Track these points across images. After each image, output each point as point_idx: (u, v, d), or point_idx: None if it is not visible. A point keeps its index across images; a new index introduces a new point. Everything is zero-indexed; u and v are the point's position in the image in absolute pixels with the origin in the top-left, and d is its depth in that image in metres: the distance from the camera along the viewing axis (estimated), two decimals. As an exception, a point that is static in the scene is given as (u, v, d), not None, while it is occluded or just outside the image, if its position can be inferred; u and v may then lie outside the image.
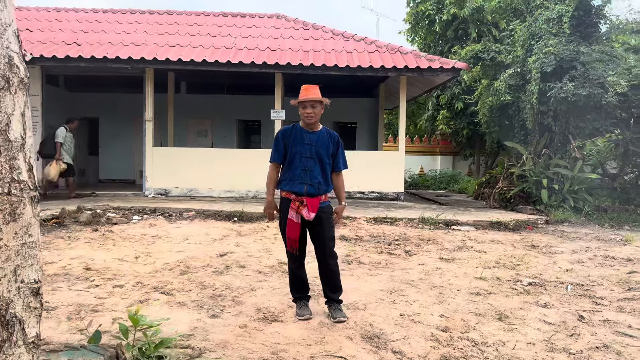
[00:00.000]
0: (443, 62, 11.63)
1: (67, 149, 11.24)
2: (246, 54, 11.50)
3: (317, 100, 4.21)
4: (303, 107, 4.22)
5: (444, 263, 6.43)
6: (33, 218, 1.84)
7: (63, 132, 11.18)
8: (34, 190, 1.84)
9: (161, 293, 4.98)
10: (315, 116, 4.22)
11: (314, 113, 4.20)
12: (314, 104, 4.20)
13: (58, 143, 11.04)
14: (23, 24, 12.90)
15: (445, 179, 19.00)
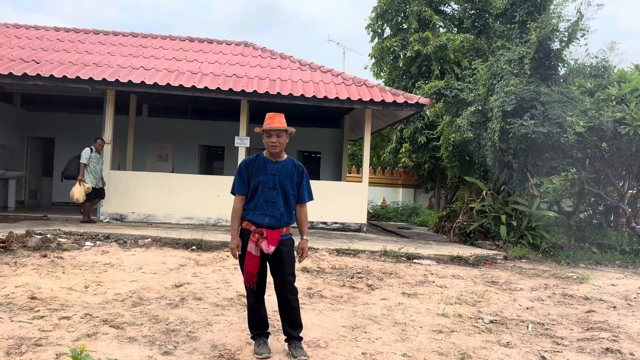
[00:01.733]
0: (407, 97, 11.80)
1: (91, 169, 10.87)
2: (212, 80, 11.38)
3: (283, 129, 4.11)
4: (268, 136, 4.11)
5: (406, 298, 6.34)
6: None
7: (87, 153, 10.86)
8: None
9: (111, 326, 4.69)
10: (280, 145, 4.11)
11: (278, 142, 4.10)
12: (279, 132, 4.10)
13: (82, 164, 10.73)
14: (-21, 39, 12.45)
15: (407, 211, 19.12)
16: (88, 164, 10.82)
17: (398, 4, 20.48)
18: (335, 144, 16.75)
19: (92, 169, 10.89)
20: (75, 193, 10.57)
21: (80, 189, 10.60)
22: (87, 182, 10.76)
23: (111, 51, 12.87)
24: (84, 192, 10.63)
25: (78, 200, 10.64)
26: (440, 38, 19.03)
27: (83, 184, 10.65)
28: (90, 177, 10.82)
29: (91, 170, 10.87)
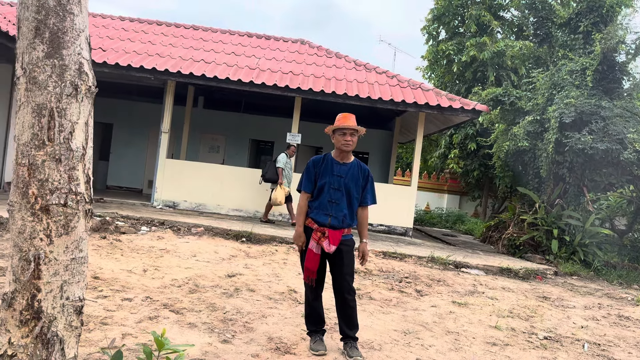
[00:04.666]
0: (464, 102, 11.64)
1: (285, 174, 11.10)
2: (269, 76, 11.54)
3: (356, 129, 4.16)
4: (342, 134, 4.16)
5: (457, 307, 6.29)
6: (85, 232, 1.75)
7: (284, 159, 11.08)
8: (89, 204, 1.76)
9: (171, 311, 4.85)
10: (352, 144, 4.16)
11: (352, 141, 4.15)
12: (353, 132, 4.15)
13: (279, 168, 10.95)
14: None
15: (452, 218, 18.86)
16: (284, 168, 11.00)
17: (456, 7, 20.21)
18: (384, 145, 16.69)
19: (286, 174, 11.09)
20: (278, 196, 10.80)
21: (281, 192, 10.82)
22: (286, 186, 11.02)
23: (173, 42, 13.22)
24: (284, 195, 10.88)
25: (281, 203, 10.90)
26: (498, 44, 18.68)
27: (283, 187, 10.88)
28: (285, 182, 11.04)
29: (285, 174, 11.06)
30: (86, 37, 1.78)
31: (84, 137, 1.74)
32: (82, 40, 1.75)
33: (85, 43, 1.76)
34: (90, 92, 1.77)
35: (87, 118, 1.75)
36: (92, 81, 1.80)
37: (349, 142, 4.13)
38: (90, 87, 1.77)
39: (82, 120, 1.72)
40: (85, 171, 1.73)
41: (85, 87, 1.75)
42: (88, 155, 1.76)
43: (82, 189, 1.72)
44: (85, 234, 1.77)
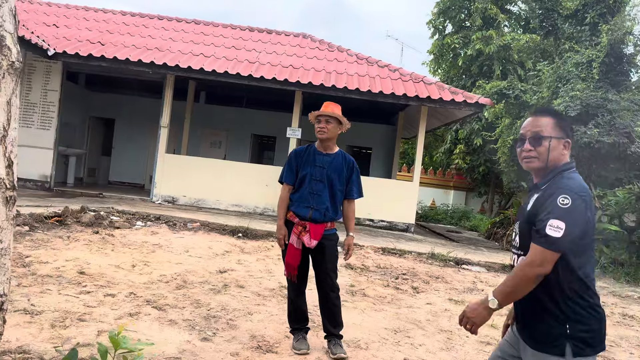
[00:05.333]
0: (467, 96, 11.41)
1: None
2: (268, 70, 11.38)
3: (333, 117, 3.97)
4: (317, 122, 3.99)
5: (453, 304, 6.10)
6: (6, 221, 1.60)
7: None
8: (11, 190, 1.61)
9: (153, 307, 4.72)
10: (327, 132, 3.97)
11: (326, 128, 3.96)
12: (328, 119, 3.97)
13: None
14: (51, 19, 12.93)
15: (457, 215, 18.62)
16: None
17: (462, 1, 19.91)
18: (387, 140, 16.48)
19: None
20: None
21: None
22: None
23: (173, 37, 13.11)
24: None
25: None
26: (504, 37, 18.39)
27: None
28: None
29: None
30: (10, 9, 1.63)
31: (5, 118, 1.60)
32: (4, 11, 1.60)
33: (9, 15, 1.62)
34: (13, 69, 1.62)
35: (10, 96, 1.61)
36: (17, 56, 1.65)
37: (323, 129, 3.96)
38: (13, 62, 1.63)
39: (3, 99, 1.57)
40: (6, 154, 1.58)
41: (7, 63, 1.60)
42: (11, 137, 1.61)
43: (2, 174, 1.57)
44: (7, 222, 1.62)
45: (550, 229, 1.97)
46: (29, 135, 11.58)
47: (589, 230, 2.05)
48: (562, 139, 2.20)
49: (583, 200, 2.02)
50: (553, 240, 1.97)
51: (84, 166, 15.22)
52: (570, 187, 2.05)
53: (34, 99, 11.66)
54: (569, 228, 1.96)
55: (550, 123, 2.22)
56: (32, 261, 5.81)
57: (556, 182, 2.12)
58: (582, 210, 2.00)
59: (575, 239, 1.99)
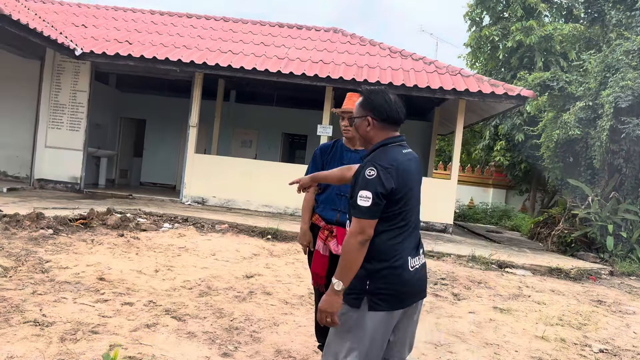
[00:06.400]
0: (508, 88, 10.77)
1: None
2: (298, 65, 11.02)
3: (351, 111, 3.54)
4: (341, 119, 3.57)
5: (498, 313, 5.58)
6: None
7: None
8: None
9: (172, 317, 4.40)
10: (351, 131, 3.55)
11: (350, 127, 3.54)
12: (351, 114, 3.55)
13: None
14: (80, 20, 12.91)
15: (497, 214, 17.85)
16: None
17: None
18: (423, 137, 15.90)
19: None
20: None
21: None
22: None
23: (201, 34, 12.90)
24: None
25: None
26: (545, 27, 17.52)
27: None
28: None
29: None
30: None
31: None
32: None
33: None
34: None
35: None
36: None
37: (347, 128, 3.54)
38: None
39: None
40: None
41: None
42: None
43: None
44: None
45: (361, 200, 2.17)
46: (59, 136, 11.56)
47: (397, 200, 2.23)
48: (365, 116, 2.40)
49: (388, 171, 2.21)
50: (364, 210, 2.17)
51: (116, 167, 15.19)
52: (378, 160, 2.26)
53: (63, 100, 11.61)
54: (374, 198, 2.16)
55: (357, 103, 2.45)
56: (51, 266, 5.59)
57: (371, 156, 2.35)
58: (386, 182, 2.19)
59: (381, 207, 2.19)
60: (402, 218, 2.28)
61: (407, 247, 2.31)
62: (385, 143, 2.39)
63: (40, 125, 11.53)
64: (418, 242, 2.44)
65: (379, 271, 2.24)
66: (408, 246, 2.32)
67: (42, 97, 11.54)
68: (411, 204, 2.32)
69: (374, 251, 2.24)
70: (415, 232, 2.41)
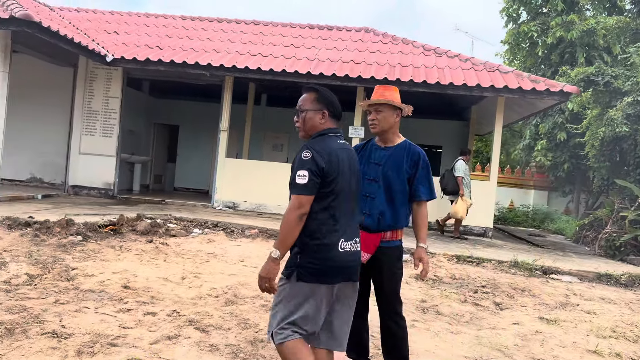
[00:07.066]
0: (549, 84, 10.24)
1: (466, 183, 9.97)
2: (328, 66, 10.77)
3: (384, 104, 3.23)
4: (369, 113, 3.29)
5: (544, 325, 5.16)
6: None
7: (463, 166, 10.00)
8: None
9: (195, 328, 4.18)
10: (378, 124, 3.25)
11: (377, 120, 3.24)
12: (378, 107, 3.23)
13: (459, 177, 9.84)
14: (112, 27, 13.02)
15: (539, 216, 17.12)
16: (464, 176, 9.89)
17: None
18: (459, 138, 15.40)
19: (466, 183, 9.96)
20: (459, 209, 9.71)
21: (462, 204, 9.71)
22: (467, 197, 9.89)
23: (232, 38, 12.82)
24: (465, 208, 9.79)
25: (462, 217, 9.81)
26: (587, 21, 16.77)
27: (465, 199, 9.77)
28: (466, 192, 9.92)
29: (466, 183, 9.92)
30: None
31: None
32: None
33: None
34: None
35: None
36: None
37: (373, 122, 3.25)
38: None
39: None
40: None
41: None
42: None
43: None
44: None
45: (298, 178, 2.46)
46: (92, 143, 11.64)
47: (329, 182, 2.50)
48: (321, 110, 2.67)
49: (320, 154, 2.50)
50: (301, 187, 2.45)
51: (150, 173, 15.28)
52: (313, 145, 2.56)
53: (95, 107, 11.69)
54: (310, 175, 2.45)
55: (311, 98, 2.70)
56: (77, 274, 5.49)
57: (308, 142, 2.64)
58: (319, 162, 2.48)
59: (316, 184, 2.47)
60: (333, 199, 2.54)
61: (339, 229, 2.56)
62: (323, 133, 2.68)
63: (74, 132, 11.64)
64: (355, 230, 2.68)
65: (309, 246, 2.50)
66: (340, 229, 2.56)
67: (75, 104, 11.65)
68: (342, 188, 2.57)
69: (307, 229, 2.51)
70: (350, 219, 2.65)
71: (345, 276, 2.62)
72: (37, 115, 12.05)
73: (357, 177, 2.73)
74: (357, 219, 2.74)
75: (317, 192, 2.49)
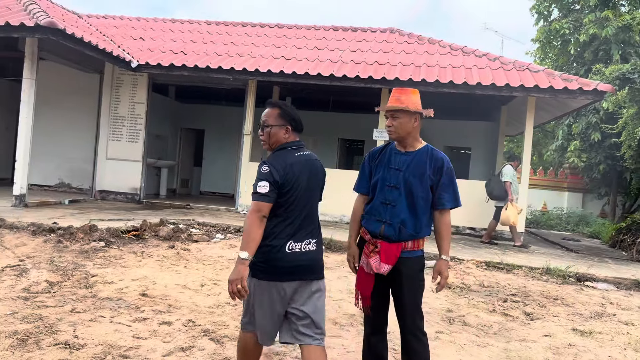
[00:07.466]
0: (582, 82, 9.83)
1: (514, 188, 9.74)
2: (351, 68, 10.60)
3: (400, 109, 3.05)
4: (386, 117, 3.12)
5: (578, 337, 4.88)
6: None
7: (511, 171, 9.77)
8: None
9: (210, 339, 4.08)
10: (395, 131, 3.07)
11: (394, 127, 3.07)
12: (394, 113, 3.06)
13: (507, 182, 9.61)
14: (138, 33, 13.13)
15: (573, 220, 16.53)
16: (512, 182, 9.68)
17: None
18: (488, 139, 14.99)
19: (514, 188, 9.75)
20: (510, 216, 9.48)
21: (513, 210, 9.51)
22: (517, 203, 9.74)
23: (255, 42, 12.77)
24: (517, 214, 9.58)
25: (514, 223, 9.60)
26: (623, 17, 16.15)
27: (515, 205, 9.56)
28: (515, 198, 9.74)
29: (514, 189, 9.72)
30: None
31: None
32: None
33: None
34: None
35: None
36: None
37: (390, 129, 3.09)
38: None
39: None
40: None
41: None
42: None
43: None
44: None
45: (260, 187, 2.71)
46: (119, 148, 11.73)
47: (284, 193, 2.75)
48: (283, 126, 2.90)
49: (277, 170, 2.74)
50: (261, 194, 2.70)
51: (177, 177, 15.36)
52: (270, 160, 2.82)
53: (122, 112, 11.79)
54: (269, 185, 2.70)
55: (274, 114, 2.91)
56: (96, 281, 5.46)
57: (269, 156, 2.88)
58: (275, 176, 2.73)
59: (275, 193, 2.73)
60: (285, 208, 2.79)
61: (288, 232, 2.80)
62: (284, 147, 2.90)
63: (100, 138, 11.76)
64: (308, 231, 2.88)
65: (261, 247, 2.75)
66: (290, 232, 2.81)
67: (102, 110, 11.78)
68: (297, 197, 2.81)
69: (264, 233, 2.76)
70: (302, 222, 2.85)
71: (296, 275, 2.83)
72: (65, 121, 12.22)
73: (316, 183, 2.96)
74: (314, 223, 2.94)
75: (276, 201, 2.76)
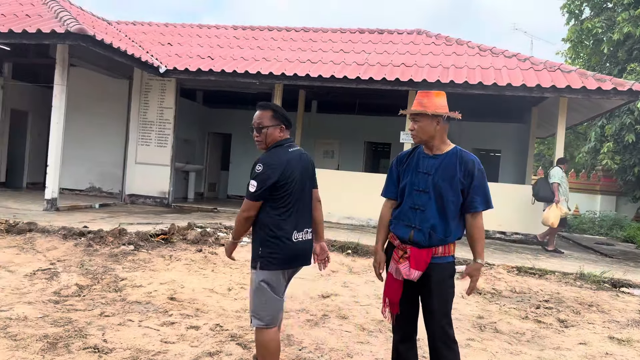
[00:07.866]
0: (617, 82, 9.56)
1: (563, 190, 9.54)
2: (378, 70, 10.52)
3: (420, 113, 2.97)
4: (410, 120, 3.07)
5: (615, 345, 4.70)
6: None
7: (559, 173, 9.60)
8: None
9: (237, 344, 4.06)
10: (417, 135, 3.02)
11: (415, 131, 3.01)
12: (416, 117, 2.99)
13: (555, 184, 9.43)
14: (166, 38, 13.31)
15: (607, 223, 16.07)
16: (560, 183, 9.48)
17: (602, -21, 17.43)
18: (519, 141, 14.71)
19: (563, 190, 9.52)
20: (550, 217, 9.34)
21: (556, 211, 9.27)
22: (563, 205, 9.46)
23: (281, 46, 12.81)
24: (558, 216, 9.31)
25: (553, 224, 9.43)
26: (658, 14, 15.64)
27: (560, 207, 9.34)
28: (563, 200, 9.51)
29: (562, 191, 9.49)
30: None
31: None
32: None
33: None
34: None
35: None
36: None
37: (412, 133, 3.03)
38: None
39: None
40: None
41: None
42: None
43: None
44: None
45: (251, 186, 3.01)
46: (147, 152, 11.90)
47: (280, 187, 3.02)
48: (278, 126, 3.19)
49: (270, 168, 3.01)
50: (251, 193, 3.02)
51: (205, 181, 15.50)
52: (264, 159, 3.08)
53: (150, 117, 11.96)
54: (259, 185, 2.99)
55: (268, 115, 3.22)
56: (125, 285, 5.51)
57: (263, 155, 3.15)
58: (269, 174, 3.00)
59: (266, 192, 3.01)
60: (284, 201, 3.04)
61: (290, 222, 3.05)
62: (280, 144, 3.17)
63: (130, 143, 11.95)
64: (306, 222, 3.17)
65: (268, 240, 3.02)
66: (291, 222, 3.06)
67: (131, 115, 11.97)
68: (293, 190, 3.07)
69: (265, 226, 3.04)
70: (300, 213, 3.12)
71: (300, 261, 3.15)
72: (95, 126, 12.47)
73: (308, 176, 3.23)
74: (309, 212, 3.23)
75: (271, 196, 3.02)
